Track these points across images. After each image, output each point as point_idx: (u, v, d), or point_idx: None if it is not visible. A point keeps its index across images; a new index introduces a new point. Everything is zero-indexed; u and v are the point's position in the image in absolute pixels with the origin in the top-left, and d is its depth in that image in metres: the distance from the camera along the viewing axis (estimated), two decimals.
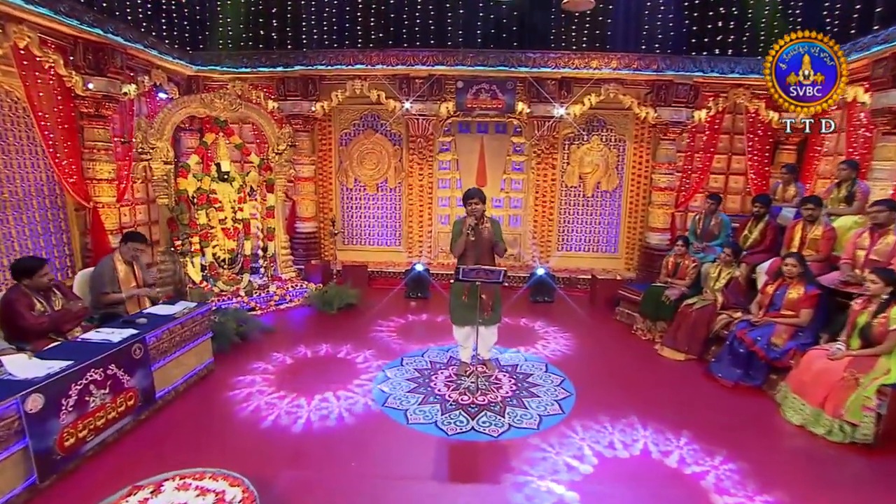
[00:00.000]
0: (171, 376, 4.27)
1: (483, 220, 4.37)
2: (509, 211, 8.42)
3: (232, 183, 6.75)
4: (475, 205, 4.25)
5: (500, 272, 4.06)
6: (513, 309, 6.85)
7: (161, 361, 4.13)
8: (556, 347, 5.58)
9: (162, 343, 4.15)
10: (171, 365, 4.26)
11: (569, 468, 3.39)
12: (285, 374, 4.72)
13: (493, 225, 4.41)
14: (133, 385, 3.77)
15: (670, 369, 5.09)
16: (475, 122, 8.10)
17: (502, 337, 5.57)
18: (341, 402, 4.22)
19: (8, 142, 5.40)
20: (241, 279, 6.85)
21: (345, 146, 8.32)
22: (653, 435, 3.80)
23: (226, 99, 6.46)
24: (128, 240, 4.56)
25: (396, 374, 4.81)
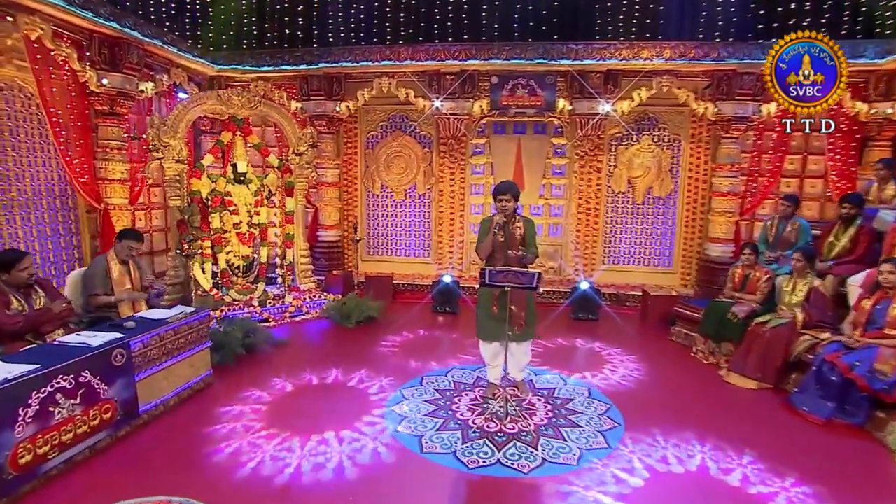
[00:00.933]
0: (160, 388, 3.93)
1: (515, 218, 3.92)
2: (549, 219, 7.88)
3: (249, 185, 6.54)
4: (506, 202, 3.84)
5: (533, 275, 3.55)
6: (552, 327, 6.32)
7: (148, 371, 3.80)
8: (600, 370, 4.96)
9: (150, 350, 3.83)
10: (160, 375, 3.93)
11: (617, 480, 3.09)
12: (281, 406, 4.08)
13: (526, 225, 3.96)
14: (111, 396, 3.44)
15: (740, 399, 4.38)
16: (511, 122, 7.67)
17: (537, 355, 5.10)
18: (344, 446, 3.47)
19: (19, 138, 5.35)
20: (255, 288, 6.57)
21: (371, 149, 8.05)
22: (711, 452, 3.44)
23: (244, 96, 6.28)
24: (123, 237, 4.33)
25: (414, 395, 4.34)
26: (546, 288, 7.50)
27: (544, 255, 7.83)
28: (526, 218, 4.06)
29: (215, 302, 6.00)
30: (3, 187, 5.20)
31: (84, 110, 5.76)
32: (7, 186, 5.24)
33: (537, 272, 3.57)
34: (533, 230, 4.03)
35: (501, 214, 3.87)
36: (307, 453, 3.38)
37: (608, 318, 6.77)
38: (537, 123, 7.67)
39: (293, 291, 6.84)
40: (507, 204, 3.85)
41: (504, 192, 3.88)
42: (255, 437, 3.57)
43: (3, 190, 5.20)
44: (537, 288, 3.65)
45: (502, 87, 7.15)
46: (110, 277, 4.24)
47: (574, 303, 6.75)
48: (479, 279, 3.72)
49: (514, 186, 3.95)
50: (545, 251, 7.81)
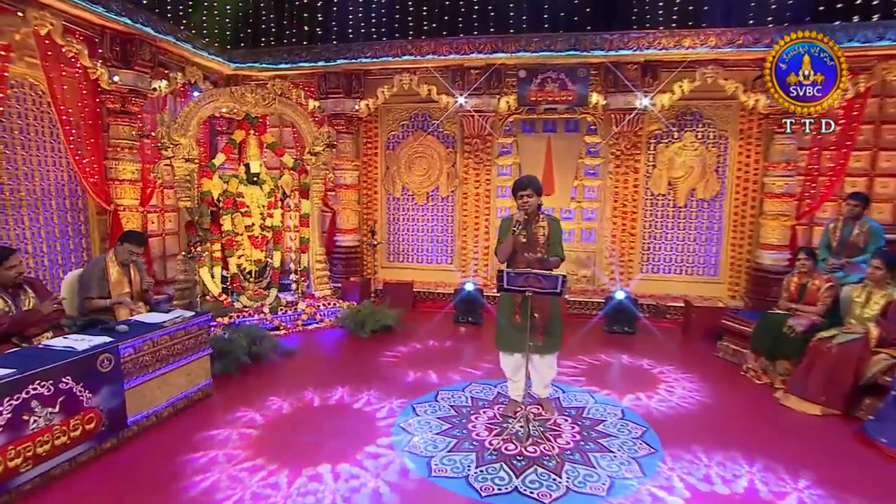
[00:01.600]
0: (153, 398, 3.78)
1: (538, 217, 3.66)
2: (581, 224, 7.51)
3: (262, 186, 6.44)
4: (528, 197, 3.58)
5: (557, 279, 3.25)
6: (585, 340, 5.97)
7: (139, 378, 3.65)
8: (654, 390, 4.56)
9: (142, 356, 3.67)
10: (153, 384, 3.77)
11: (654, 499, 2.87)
12: (274, 431, 3.70)
13: (550, 225, 3.69)
14: (96, 405, 3.28)
15: (801, 426, 3.91)
16: (541, 119, 7.37)
17: (579, 374, 4.81)
18: (339, 483, 3.04)
19: (29, 137, 5.38)
20: (267, 294, 6.44)
21: (392, 150, 7.88)
22: (762, 473, 3.16)
23: (258, 93, 6.19)
24: (124, 240, 4.22)
25: (427, 411, 4.06)
26: (578, 298, 7.14)
27: (576, 262, 7.46)
28: (551, 217, 3.78)
29: (224, 308, 5.88)
30: (12, 186, 5.22)
31: (95, 108, 5.77)
32: (15, 186, 5.26)
33: (562, 275, 3.26)
34: (558, 230, 3.75)
35: (523, 212, 3.59)
36: (294, 492, 2.95)
37: (646, 331, 6.35)
38: (569, 120, 7.34)
39: (307, 298, 6.67)
40: (529, 200, 3.59)
41: (524, 187, 3.62)
42: (238, 470, 3.19)
43: (12, 189, 5.22)
44: (562, 293, 3.33)
45: (530, 82, 6.87)
46: (108, 280, 4.13)
47: (608, 314, 6.35)
48: (497, 282, 3.43)
49: (535, 180, 3.69)
50: (577, 258, 7.45)
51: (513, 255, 3.72)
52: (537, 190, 3.64)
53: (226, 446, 3.49)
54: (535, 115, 7.32)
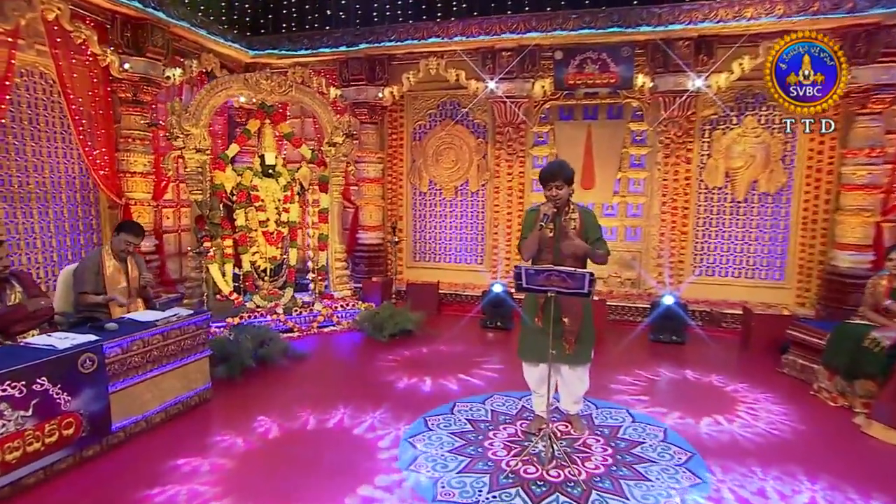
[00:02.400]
0: (142, 402, 3.66)
1: (568, 208, 3.35)
2: (625, 221, 7.08)
3: (278, 179, 6.33)
4: (557, 188, 3.28)
5: (583, 277, 2.91)
6: (631, 351, 5.61)
7: (126, 381, 3.53)
8: (712, 409, 4.13)
9: (130, 357, 3.56)
10: (142, 387, 3.65)
11: None
12: (253, 463, 3.26)
13: (583, 216, 3.36)
14: (76, 408, 3.17)
15: (887, 461, 3.40)
16: (580, 105, 6.99)
17: (640, 391, 4.40)
18: None
19: (39, 128, 5.43)
20: (283, 294, 6.31)
21: (418, 141, 7.66)
22: None
23: (273, 80, 6.08)
24: (120, 230, 4.14)
25: (440, 424, 3.78)
26: (621, 303, 6.73)
27: (620, 263, 7.03)
28: (582, 208, 3.45)
29: (235, 308, 5.79)
30: (21, 178, 5.28)
31: (106, 98, 5.80)
32: (24, 178, 5.31)
33: (589, 272, 2.91)
34: (594, 221, 3.42)
35: (551, 204, 3.29)
36: None
37: (697, 341, 5.90)
38: (611, 106, 6.92)
39: (325, 299, 6.52)
40: (560, 191, 3.29)
41: (554, 176, 3.30)
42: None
43: (21, 181, 5.27)
44: (590, 294, 2.99)
45: (568, 64, 6.50)
46: (103, 274, 4.05)
47: (655, 321, 5.91)
48: (514, 280, 3.12)
49: (565, 167, 3.36)
50: (621, 258, 7.02)
51: (538, 253, 3.41)
52: (568, 178, 3.33)
53: (192, 480, 3.06)
54: (573, 100, 6.96)
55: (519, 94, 6.75)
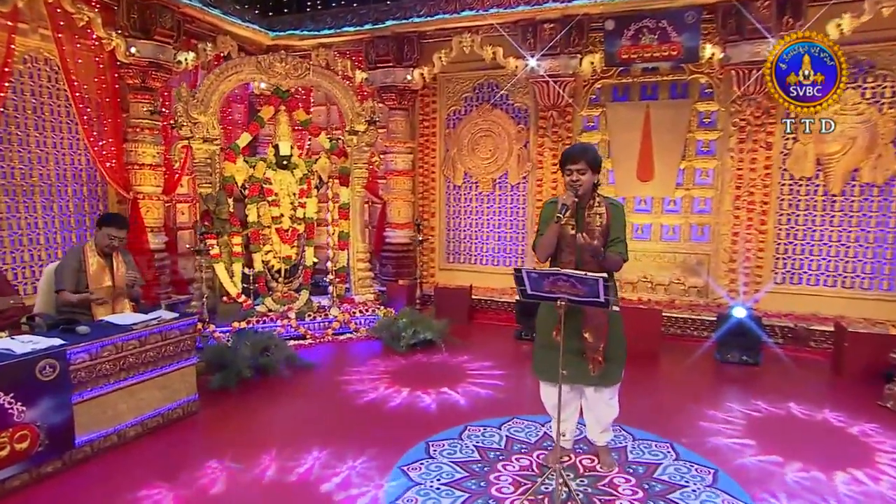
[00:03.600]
0: (115, 414, 3.56)
1: (594, 200, 3.04)
2: (691, 218, 6.48)
3: (293, 171, 6.20)
4: (579, 173, 2.98)
5: (595, 283, 2.56)
6: (689, 374, 5.12)
7: (95, 390, 3.44)
8: (746, 446, 3.62)
9: (100, 363, 3.46)
10: (115, 397, 3.56)
11: None
12: None
13: (611, 211, 3.05)
14: (31, 420, 3.08)
15: None
16: (637, 83, 6.48)
17: (720, 431, 3.87)
18: None
19: (44, 117, 5.52)
20: (298, 297, 6.16)
21: (453, 128, 7.36)
22: None
23: (288, 62, 5.95)
24: (102, 224, 4.07)
25: (444, 451, 3.48)
26: (682, 314, 6.19)
27: (684, 267, 6.43)
28: (611, 201, 3.12)
29: (243, 311, 5.68)
30: (24, 171, 5.37)
31: (113, 85, 5.84)
32: (28, 170, 5.40)
33: (602, 276, 2.55)
34: (622, 219, 3.09)
35: (572, 193, 2.96)
36: None
37: (775, 361, 5.30)
38: (674, 83, 6.37)
39: (345, 304, 6.32)
40: (581, 177, 2.98)
41: (575, 158, 3.00)
42: None
43: (24, 174, 5.37)
44: (609, 304, 2.62)
45: (621, 35, 6.01)
46: (85, 272, 3.98)
47: (722, 337, 5.32)
48: (517, 286, 2.76)
49: (590, 150, 3.06)
50: (685, 262, 6.43)
51: (557, 253, 3.09)
52: (593, 163, 3.01)
53: None
54: (628, 77, 6.46)
55: (564, 72, 6.30)
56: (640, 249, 6.59)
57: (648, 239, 6.60)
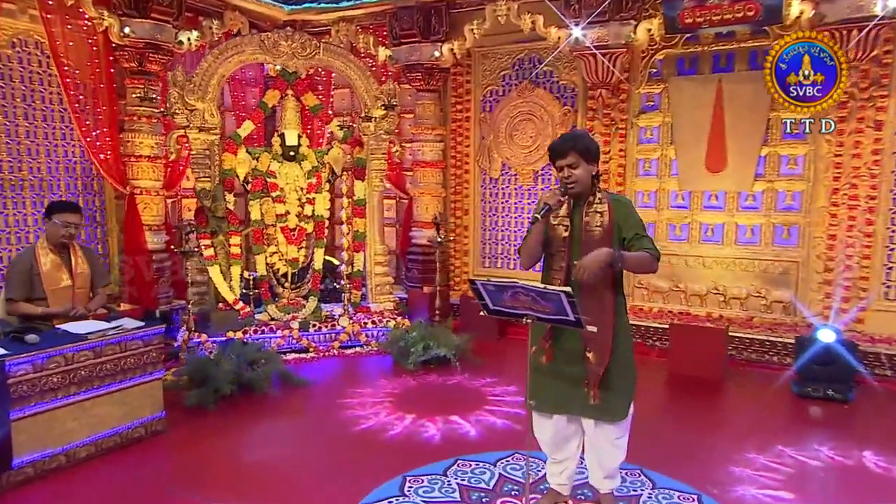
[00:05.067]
0: (64, 432, 3.62)
1: (593, 196, 2.85)
2: (774, 217, 5.97)
3: (301, 163, 6.20)
4: (570, 167, 2.80)
5: (557, 298, 2.44)
6: (755, 407, 4.79)
7: (40, 405, 3.52)
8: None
9: (47, 376, 3.53)
10: (63, 413, 3.62)
11: None
12: None
13: (615, 209, 2.85)
14: None
15: None
16: (707, 53, 6.07)
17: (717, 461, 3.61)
18: None
19: (34, 105, 5.76)
20: (305, 305, 6.13)
21: (489, 111, 7.14)
22: None
23: (295, 40, 5.93)
24: (53, 212, 4.12)
25: (420, 490, 3.33)
26: (756, 335, 5.72)
27: (767, 279, 5.94)
28: (615, 197, 2.95)
29: (240, 320, 5.70)
30: (12, 164, 5.60)
31: (108, 69, 6.00)
32: (16, 163, 5.62)
33: (564, 291, 2.41)
34: (631, 213, 2.88)
35: (555, 192, 2.80)
36: None
37: (872, 398, 4.80)
38: (754, 51, 5.90)
39: (359, 313, 6.25)
40: (574, 172, 2.79)
41: (562, 152, 2.80)
42: None
43: (12, 167, 5.60)
44: (581, 323, 2.48)
45: None
46: (38, 273, 4.05)
47: (805, 366, 4.82)
48: (476, 299, 2.57)
49: (579, 138, 2.86)
50: (766, 270, 5.93)
51: (548, 259, 2.94)
52: (586, 153, 2.80)
53: None
54: (696, 46, 6.05)
55: (614, 42, 5.96)
56: (710, 255, 6.15)
57: (720, 243, 6.13)
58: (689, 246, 6.24)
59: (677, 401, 5.09)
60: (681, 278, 6.28)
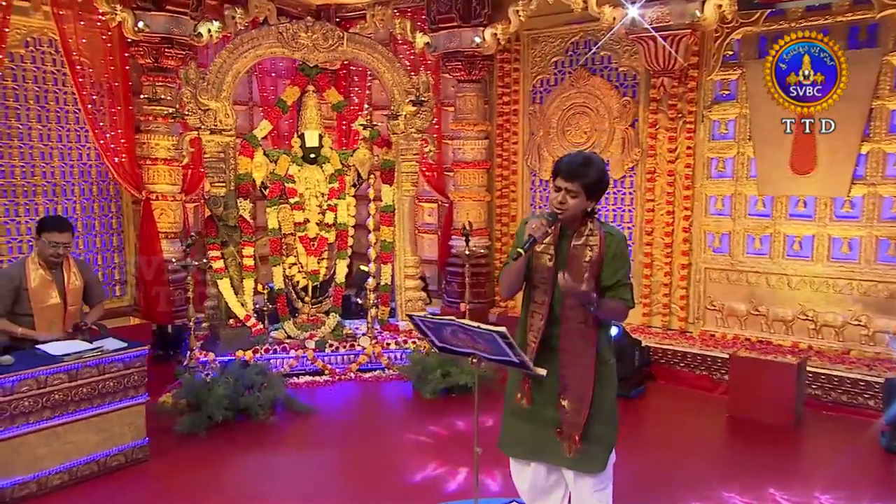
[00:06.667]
0: (34, 459, 3.89)
1: (585, 227, 2.87)
2: (877, 229, 5.62)
3: (323, 166, 6.37)
4: (568, 194, 2.78)
5: (492, 338, 2.50)
6: (815, 462, 4.63)
7: (9, 430, 3.79)
8: None
9: (17, 400, 3.81)
10: (33, 439, 3.90)
11: None
12: None
13: (607, 243, 2.86)
14: None
15: None
16: (797, 29, 5.72)
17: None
18: None
19: (48, 106, 6.24)
20: (325, 321, 6.30)
21: (539, 104, 7.08)
22: None
23: (316, 31, 6.10)
24: (42, 230, 4.42)
25: None
26: (849, 372, 5.35)
27: (868, 303, 5.59)
28: (609, 230, 2.91)
29: (252, 338, 5.91)
30: (24, 169, 6.09)
31: (123, 67, 6.40)
32: (29, 168, 6.10)
33: (499, 331, 2.46)
34: (622, 253, 2.87)
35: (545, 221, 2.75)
36: None
37: None
38: (856, 26, 5.59)
39: (386, 331, 6.35)
40: (570, 201, 2.77)
41: (570, 175, 2.75)
42: None
43: (25, 172, 6.09)
44: (524, 364, 2.59)
45: None
46: (26, 289, 4.36)
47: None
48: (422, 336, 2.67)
49: (593, 168, 2.79)
50: (866, 294, 5.59)
51: (530, 291, 2.95)
52: (592, 188, 2.77)
53: None
54: (783, 22, 5.79)
55: (678, 23, 5.78)
56: (797, 273, 5.83)
57: (809, 258, 5.81)
58: (770, 262, 5.95)
59: (717, 448, 4.91)
60: (761, 300, 6.00)
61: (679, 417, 5.37)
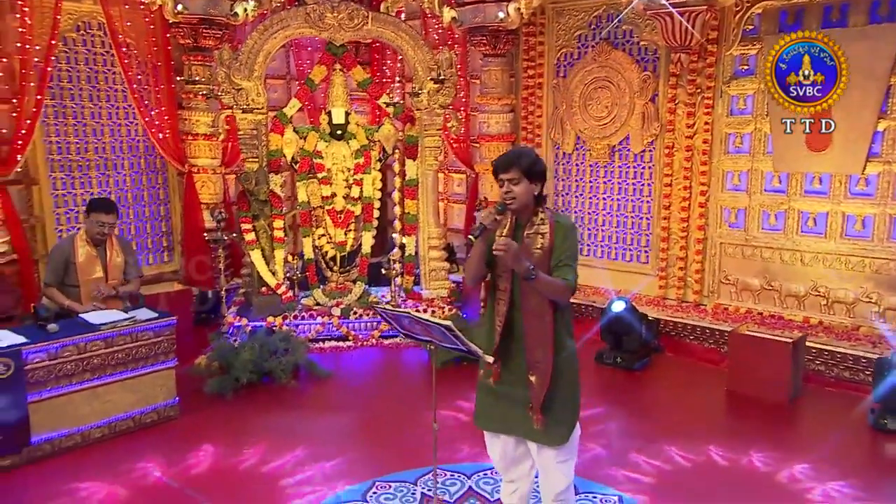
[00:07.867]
0: (77, 415, 4.44)
1: (535, 217, 3.08)
2: (891, 207, 5.58)
3: (349, 142, 6.65)
4: (511, 182, 3.00)
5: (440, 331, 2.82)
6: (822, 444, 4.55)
7: (56, 390, 4.33)
8: None
9: (61, 364, 4.36)
10: (77, 398, 4.44)
11: None
12: None
13: (557, 231, 3.05)
14: None
15: None
16: (817, 4, 5.65)
17: None
18: None
19: (98, 86, 6.71)
20: (353, 288, 6.65)
21: (563, 77, 7.12)
22: None
23: (341, 10, 6.30)
24: (90, 210, 4.89)
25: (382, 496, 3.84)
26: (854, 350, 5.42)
27: (880, 281, 5.59)
28: (559, 218, 3.10)
29: (283, 305, 6.30)
30: (79, 145, 6.57)
31: (165, 47, 6.81)
32: (83, 144, 6.60)
33: (445, 324, 2.75)
34: (571, 238, 3.05)
35: (493, 210, 2.97)
36: None
37: None
38: (876, 1, 5.42)
39: (410, 300, 6.65)
40: (514, 188, 2.98)
41: (505, 167, 3.00)
42: None
43: (79, 148, 6.58)
44: (470, 353, 2.91)
45: None
46: (74, 263, 4.85)
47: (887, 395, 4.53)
48: None
49: (524, 155, 3.04)
50: (878, 271, 5.59)
51: (495, 279, 3.14)
52: (529, 171, 2.99)
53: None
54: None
55: None
56: (810, 250, 5.84)
57: (823, 235, 5.81)
58: (784, 238, 5.96)
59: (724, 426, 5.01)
60: (775, 275, 6.03)
61: (679, 389, 5.58)
